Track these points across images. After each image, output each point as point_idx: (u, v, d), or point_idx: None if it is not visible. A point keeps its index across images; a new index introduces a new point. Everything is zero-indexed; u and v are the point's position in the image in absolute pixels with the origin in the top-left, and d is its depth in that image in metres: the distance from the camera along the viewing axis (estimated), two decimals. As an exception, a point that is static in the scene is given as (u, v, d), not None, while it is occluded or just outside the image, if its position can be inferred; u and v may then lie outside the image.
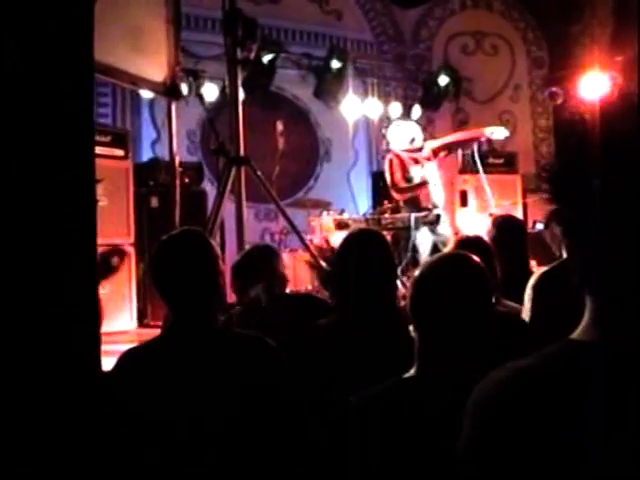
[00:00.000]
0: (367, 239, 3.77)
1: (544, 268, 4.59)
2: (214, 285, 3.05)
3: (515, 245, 5.15)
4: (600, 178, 1.34)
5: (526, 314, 4.27)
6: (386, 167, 9.03)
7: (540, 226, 9.76)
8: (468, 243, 4.33)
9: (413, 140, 9.01)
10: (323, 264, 6.81)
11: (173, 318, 3.03)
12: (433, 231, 8.78)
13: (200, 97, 9.99)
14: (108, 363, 2.89)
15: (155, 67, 7.70)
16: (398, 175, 8.89)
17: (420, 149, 9.00)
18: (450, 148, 9.46)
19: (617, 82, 10.60)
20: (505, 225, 5.36)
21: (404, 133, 9.04)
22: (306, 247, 8.49)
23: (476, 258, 2.50)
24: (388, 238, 8.10)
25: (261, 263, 4.52)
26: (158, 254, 3.05)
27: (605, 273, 1.35)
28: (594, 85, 10.93)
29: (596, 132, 1.40)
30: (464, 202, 11.38)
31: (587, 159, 1.39)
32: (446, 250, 7.15)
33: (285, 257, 9.26)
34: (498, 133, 9.07)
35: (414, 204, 8.90)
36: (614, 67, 10.74)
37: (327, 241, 9.28)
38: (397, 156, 8.95)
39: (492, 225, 5.40)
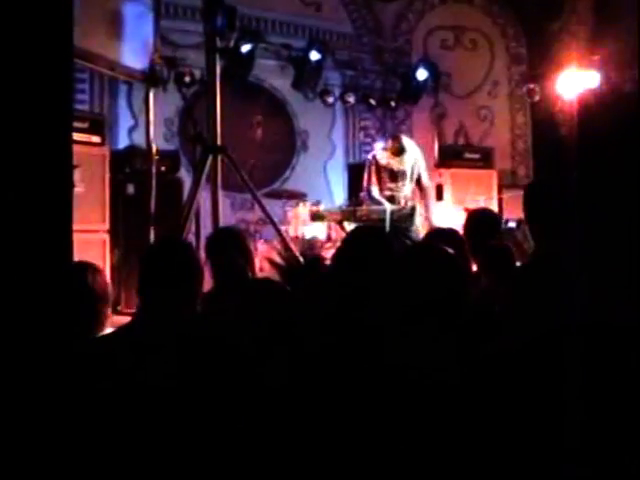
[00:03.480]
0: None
1: (519, 263, 4.64)
2: (189, 289, 3.17)
3: (487, 237, 5.16)
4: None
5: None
6: None
7: (512, 224, 9.81)
8: (442, 235, 4.37)
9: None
10: (280, 261, 6.85)
11: (144, 309, 3.10)
12: None
13: (178, 85, 9.97)
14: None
15: (134, 54, 7.69)
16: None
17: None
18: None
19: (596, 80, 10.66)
20: (479, 217, 5.39)
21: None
22: (281, 237, 8.50)
23: (449, 250, 2.54)
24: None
25: (231, 240, 4.60)
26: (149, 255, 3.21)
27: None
28: (572, 82, 10.98)
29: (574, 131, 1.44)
30: (440, 196, 11.41)
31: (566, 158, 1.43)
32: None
33: (260, 248, 9.31)
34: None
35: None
36: (593, 64, 10.79)
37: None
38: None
39: (467, 217, 5.43)
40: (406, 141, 9.62)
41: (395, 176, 9.42)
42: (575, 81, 10.98)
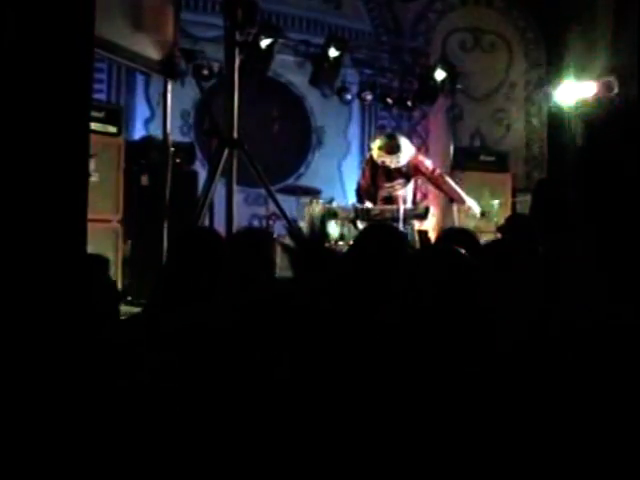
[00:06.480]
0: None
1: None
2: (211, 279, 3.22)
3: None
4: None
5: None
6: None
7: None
8: (453, 235, 4.39)
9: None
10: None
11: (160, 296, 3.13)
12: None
13: (196, 78, 9.98)
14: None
15: (153, 45, 7.70)
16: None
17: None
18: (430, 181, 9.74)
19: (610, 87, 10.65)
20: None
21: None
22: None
23: (462, 251, 2.56)
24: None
25: (254, 248, 4.58)
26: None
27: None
28: (588, 89, 10.99)
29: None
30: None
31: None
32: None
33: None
34: (474, 208, 9.38)
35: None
36: (610, 72, 10.77)
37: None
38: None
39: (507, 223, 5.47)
40: (402, 140, 9.56)
41: (391, 175, 9.39)
42: (592, 87, 10.98)
